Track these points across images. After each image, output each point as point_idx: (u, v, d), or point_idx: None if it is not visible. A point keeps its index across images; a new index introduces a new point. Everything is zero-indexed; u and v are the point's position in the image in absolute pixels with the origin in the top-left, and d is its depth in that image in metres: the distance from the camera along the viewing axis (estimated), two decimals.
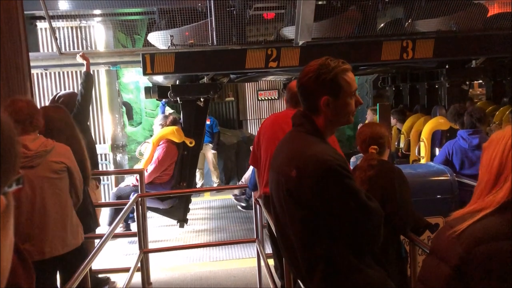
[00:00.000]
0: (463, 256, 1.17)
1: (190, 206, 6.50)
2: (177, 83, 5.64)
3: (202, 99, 5.55)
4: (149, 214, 5.76)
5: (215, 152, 8.68)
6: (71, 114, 4.27)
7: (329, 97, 1.76)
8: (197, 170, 8.45)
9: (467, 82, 6.18)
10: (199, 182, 8.53)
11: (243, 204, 6.64)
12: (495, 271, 1.13)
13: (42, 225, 2.74)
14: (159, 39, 5.28)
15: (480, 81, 8.85)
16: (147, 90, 6.03)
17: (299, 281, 1.90)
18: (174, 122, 5.90)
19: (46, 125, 3.06)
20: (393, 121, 6.60)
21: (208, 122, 8.50)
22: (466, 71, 6.08)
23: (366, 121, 6.79)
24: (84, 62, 4.60)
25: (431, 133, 5.67)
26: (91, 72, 4.70)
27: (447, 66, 6.05)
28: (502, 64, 6.70)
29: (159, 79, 5.81)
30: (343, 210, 1.67)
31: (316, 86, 1.78)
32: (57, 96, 4.50)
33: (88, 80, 4.47)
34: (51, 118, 3.23)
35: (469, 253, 1.16)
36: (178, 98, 5.57)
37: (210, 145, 8.62)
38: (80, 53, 4.70)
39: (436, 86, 6.51)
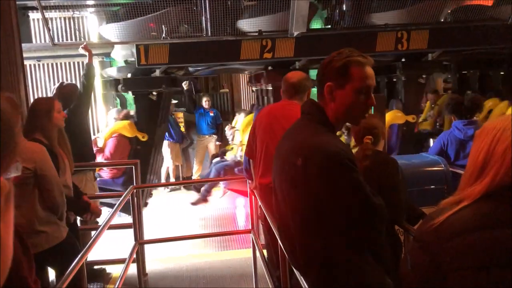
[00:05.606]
0: (439, 249, 1.17)
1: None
2: (129, 76, 5.48)
3: (155, 93, 5.43)
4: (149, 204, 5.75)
5: (218, 144, 8.66)
6: (72, 105, 4.26)
7: (333, 84, 1.72)
8: (198, 162, 8.48)
9: (424, 76, 6.02)
10: (195, 174, 8.52)
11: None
12: (469, 262, 1.13)
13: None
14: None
15: (447, 76, 8.60)
16: (105, 83, 5.87)
17: (295, 271, 1.90)
18: (126, 117, 5.84)
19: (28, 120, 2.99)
20: None
21: (211, 114, 8.53)
22: (421, 65, 5.95)
23: None
24: (87, 54, 4.59)
25: (388, 126, 5.64)
26: (93, 64, 4.67)
27: (403, 60, 5.93)
28: (466, 57, 6.58)
29: (113, 72, 5.66)
30: (347, 204, 1.63)
31: (324, 71, 1.76)
32: (64, 84, 4.48)
33: (90, 71, 4.45)
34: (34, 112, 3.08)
35: (445, 246, 1.16)
36: (130, 92, 5.43)
37: (214, 136, 8.61)
38: (83, 45, 4.65)
39: (394, 80, 6.36)
